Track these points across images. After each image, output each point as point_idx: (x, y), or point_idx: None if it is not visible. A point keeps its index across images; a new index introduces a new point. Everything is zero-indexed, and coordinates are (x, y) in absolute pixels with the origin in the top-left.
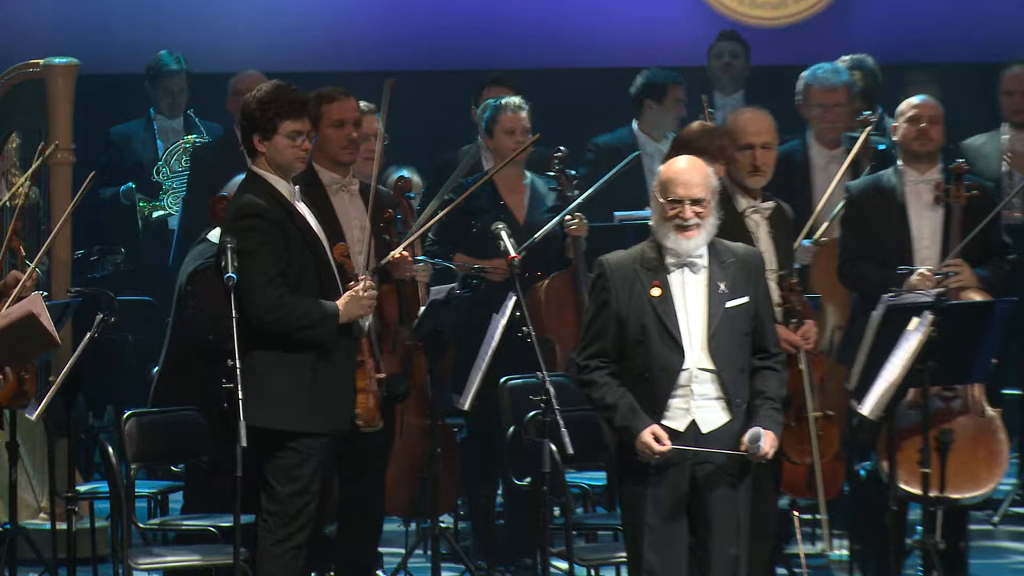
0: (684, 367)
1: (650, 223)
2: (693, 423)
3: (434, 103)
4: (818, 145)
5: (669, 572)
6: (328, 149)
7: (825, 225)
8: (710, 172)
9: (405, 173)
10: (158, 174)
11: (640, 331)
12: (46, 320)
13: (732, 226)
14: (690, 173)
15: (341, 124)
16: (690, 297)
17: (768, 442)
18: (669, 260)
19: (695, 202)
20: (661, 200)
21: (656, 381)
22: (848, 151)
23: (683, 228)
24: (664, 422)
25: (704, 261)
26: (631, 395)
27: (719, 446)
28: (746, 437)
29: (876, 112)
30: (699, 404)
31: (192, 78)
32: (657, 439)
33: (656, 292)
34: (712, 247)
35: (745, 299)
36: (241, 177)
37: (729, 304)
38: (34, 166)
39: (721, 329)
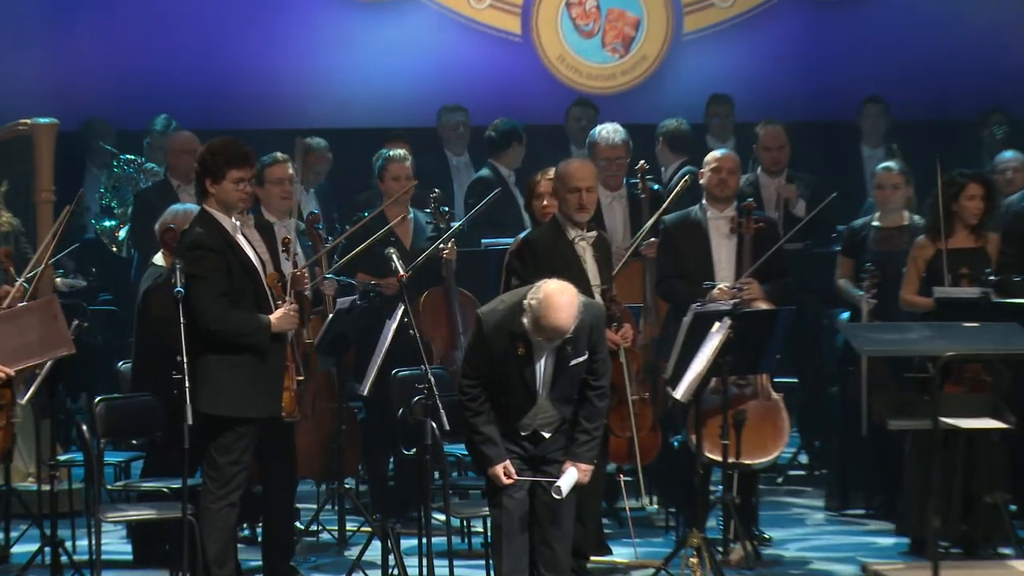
0: (535, 406)
1: (523, 305)
2: (535, 431)
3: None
4: (602, 188)
5: (517, 520)
6: (270, 199)
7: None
8: (580, 311)
9: (315, 209)
10: (102, 199)
11: (506, 377)
12: (60, 315)
13: (565, 251)
14: (566, 321)
15: (280, 181)
16: (545, 358)
17: (579, 475)
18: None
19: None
20: (532, 327)
21: (512, 407)
22: (627, 193)
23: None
24: (519, 428)
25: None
26: (495, 426)
27: (552, 451)
28: (560, 486)
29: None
30: (540, 423)
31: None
32: (506, 473)
33: (521, 351)
34: None
35: (584, 357)
36: (177, 206)
37: (572, 363)
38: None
39: (563, 381)
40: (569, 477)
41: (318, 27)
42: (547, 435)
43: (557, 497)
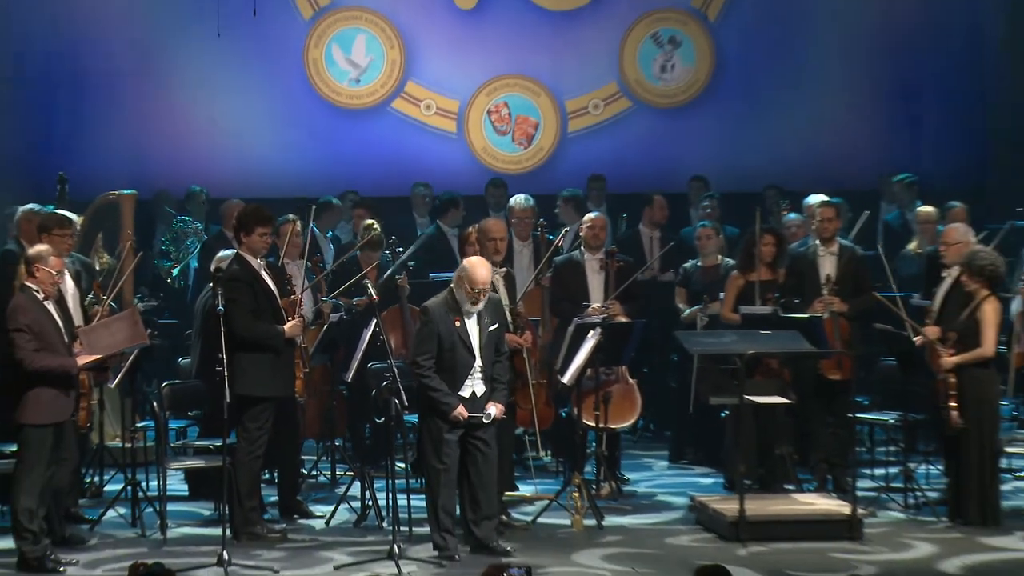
0: (475, 363)
1: (453, 287)
2: (473, 392)
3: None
4: (515, 238)
5: (451, 471)
6: (284, 246)
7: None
8: (492, 272)
9: (331, 247)
10: (161, 246)
11: (450, 345)
12: (139, 320)
13: None
14: (485, 275)
15: (288, 234)
16: (472, 326)
17: (497, 411)
18: (463, 309)
19: (483, 290)
20: (467, 285)
21: (457, 372)
22: (532, 242)
23: (476, 302)
24: (460, 392)
25: (478, 308)
26: (445, 383)
27: (484, 404)
28: (489, 413)
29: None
30: (475, 382)
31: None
32: (462, 412)
33: (457, 323)
34: None
35: (496, 325)
36: (224, 252)
37: (489, 329)
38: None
39: (486, 343)
40: (492, 410)
41: (318, 126)
42: (480, 394)
43: (487, 421)
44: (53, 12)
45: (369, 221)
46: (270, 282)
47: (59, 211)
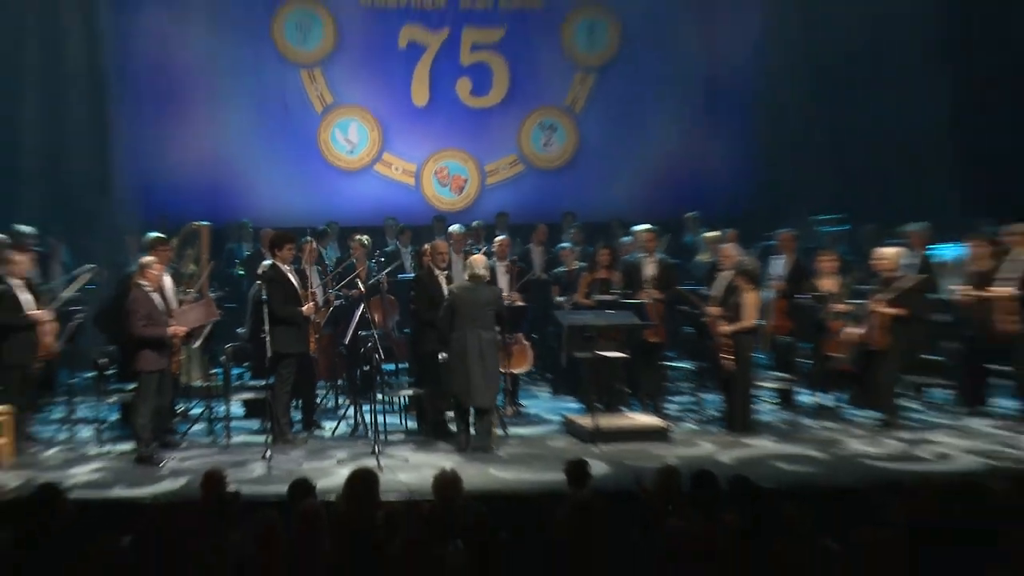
0: None
1: (480, 275)
2: None
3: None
4: (454, 255)
5: None
6: (303, 258)
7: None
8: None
9: (330, 256)
10: (241, 256)
11: None
12: (213, 304)
13: (434, 281)
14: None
15: (305, 250)
16: None
17: None
18: None
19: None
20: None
21: None
22: (464, 256)
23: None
24: None
25: None
26: None
27: None
28: None
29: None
30: None
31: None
32: None
33: None
34: None
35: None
36: (266, 262)
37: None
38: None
39: None
40: None
41: (326, 181)
42: None
43: None
44: (157, 105)
45: (361, 237)
46: (295, 280)
47: (160, 235)
